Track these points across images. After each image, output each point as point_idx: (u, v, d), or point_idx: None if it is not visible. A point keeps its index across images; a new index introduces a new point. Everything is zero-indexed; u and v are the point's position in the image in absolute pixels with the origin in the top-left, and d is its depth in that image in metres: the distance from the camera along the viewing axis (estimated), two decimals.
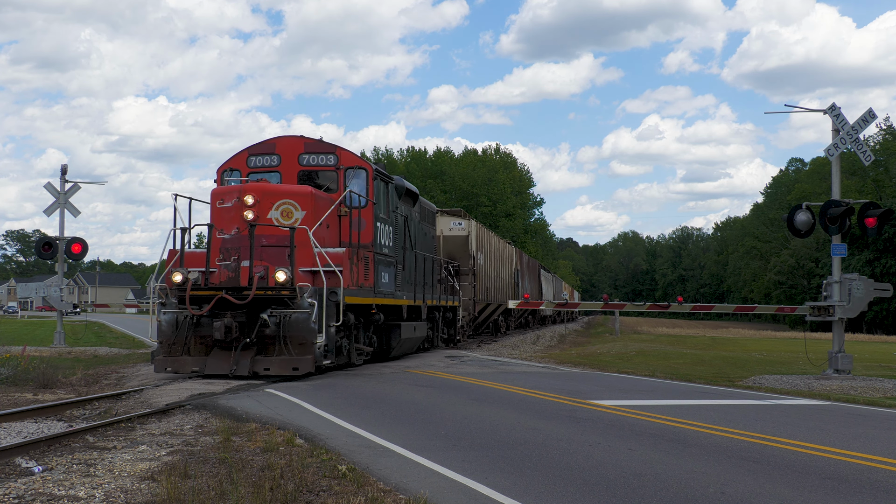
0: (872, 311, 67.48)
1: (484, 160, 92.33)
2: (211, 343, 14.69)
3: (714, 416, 11.16)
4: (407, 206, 20.72)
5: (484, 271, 33.03)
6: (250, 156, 17.54)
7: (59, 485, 6.86)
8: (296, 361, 14.26)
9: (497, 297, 36.71)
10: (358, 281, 16.08)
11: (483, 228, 33.46)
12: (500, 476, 7.20)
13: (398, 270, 19.19)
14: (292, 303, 14.39)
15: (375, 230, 17.41)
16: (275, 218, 15.30)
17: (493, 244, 36.35)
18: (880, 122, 77.39)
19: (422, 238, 22.73)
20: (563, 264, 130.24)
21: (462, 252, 29.87)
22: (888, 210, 18.46)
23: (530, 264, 51.40)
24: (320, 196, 16.09)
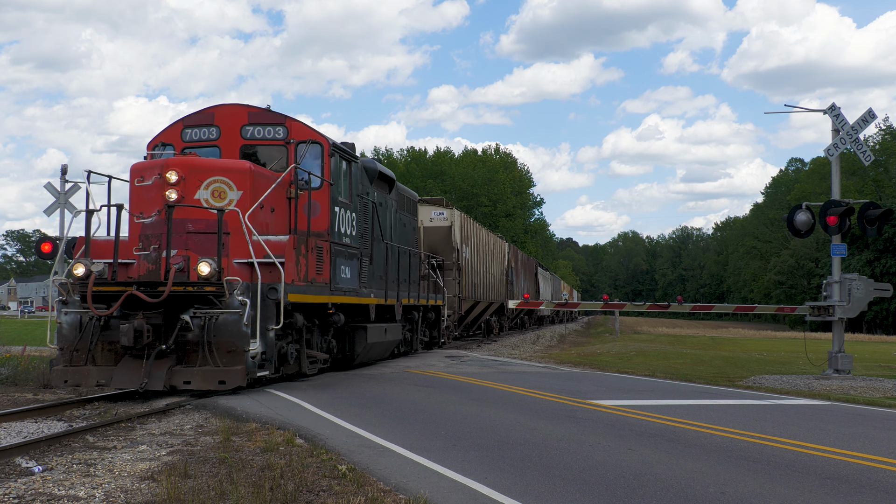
0: (872, 311, 67.50)
1: (484, 160, 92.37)
2: (121, 350, 12.10)
3: (714, 416, 11.16)
4: (380, 193, 18.47)
5: (471, 266, 30.76)
6: (185, 128, 15.01)
7: (59, 485, 6.86)
8: (222, 373, 11.66)
9: (488, 296, 34.62)
10: (308, 275, 13.58)
11: (468, 219, 31.28)
12: (500, 476, 7.20)
13: (363, 264, 16.67)
14: (220, 301, 11.94)
15: (333, 216, 14.90)
16: (204, 199, 12.77)
17: (482, 238, 33.92)
18: (880, 123, 77.47)
19: (400, 229, 20.50)
20: (563, 264, 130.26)
21: (445, 245, 27.54)
22: (888, 210, 18.47)
23: (526, 262, 49.31)
24: (261, 173, 13.60)
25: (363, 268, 16.69)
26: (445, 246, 27.49)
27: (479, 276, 32.59)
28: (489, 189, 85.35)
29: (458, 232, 28.24)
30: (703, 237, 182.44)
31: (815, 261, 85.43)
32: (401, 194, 20.80)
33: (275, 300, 12.41)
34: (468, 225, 30.69)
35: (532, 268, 51.39)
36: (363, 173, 17.03)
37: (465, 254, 29.24)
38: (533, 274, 51.13)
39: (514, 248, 44.27)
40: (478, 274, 32.12)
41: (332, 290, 14.68)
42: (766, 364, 22.81)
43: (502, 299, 38.40)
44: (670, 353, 27.31)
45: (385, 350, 19.10)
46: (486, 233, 35.46)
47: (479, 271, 32.26)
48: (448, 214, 27.85)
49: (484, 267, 33.73)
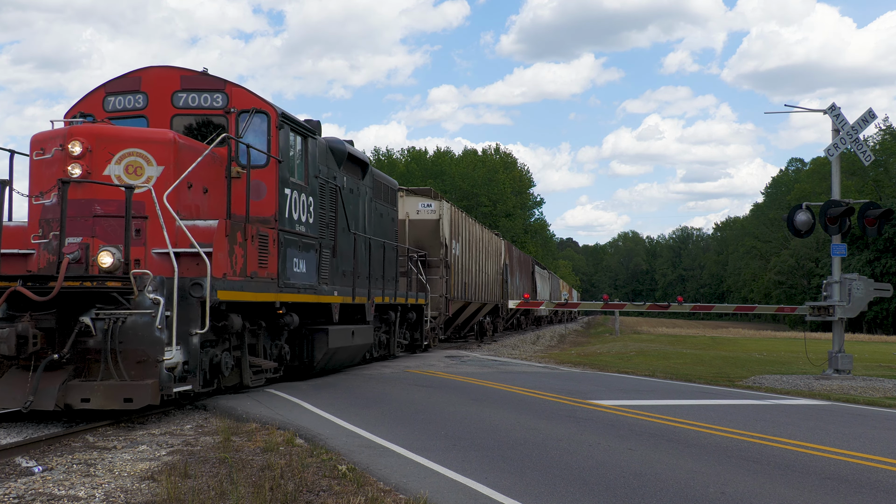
0: (872, 311, 67.49)
1: (484, 160, 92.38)
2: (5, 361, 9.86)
3: (714, 416, 11.16)
4: (351, 178, 16.59)
5: (461, 264, 28.31)
6: (107, 95, 12.98)
7: (59, 485, 6.86)
8: (129, 389, 9.40)
9: (480, 296, 32.38)
10: (247, 268, 11.55)
11: (459, 213, 28.75)
12: (500, 476, 7.20)
13: (324, 257, 14.70)
14: (128, 300, 9.75)
15: (282, 199, 12.83)
16: (116, 175, 10.70)
17: (475, 233, 31.44)
18: (880, 123, 77.41)
19: (375, 220, 18.50)
20: (563, 264, 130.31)
21: (432, 239, 25.29)
22: (888, 210, 18.47)
23: (522, 260, 47.24)
24: (190, 146, 11.45)
25: (323, 261, 14.70)
26: (433, 241, 25.32)
27: (471, 274, 30.45)
28: (489, 189, 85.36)
29: (448, 226, 26.04)
30: (703, 237, 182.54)
31: (815, 261, 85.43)
32: (377, 181, 18.80)
33: (199, 298, 10.21)
34: (459, 219, 28.33)
35: (529, 266, 49.59)
36: (328, 154, 15.26)
37: (454, 250, 26.94)
38: (530, 273, 49.49)
39: (509, 246, 42.29)
40: (469, 272, 29.93)
41: (280, 287, 12.67)
42: (766, 364, 22.81)
43: (497, 300, 36.75)
44: (670, 353, 27.32)
45: (353, 355, 16.99)
46: (479, 228, 33.11)
47: (470, 269, 30.17)
48: (436, 206, 25.55)
49: (476, 265, 31.66)
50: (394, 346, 20.60)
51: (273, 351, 13.47)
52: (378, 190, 18.87)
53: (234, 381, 12.19)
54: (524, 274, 46.76)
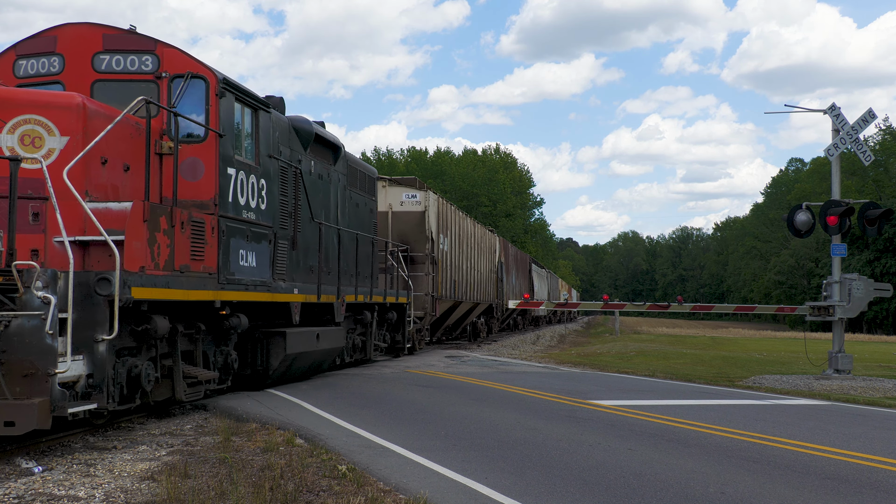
0: (872, 311, 67.50)
1: (484, 160, 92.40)
2: None
3: (714, 416, 11.16)
4: (319, 162, 14.93)
5: (450, 260, 26.26)
6: (19, 58, 11.14)
7: (59, 485, 6.86)
8: (10, 410, 7.52)
9: (472, 295, 30.41)
10: (176, 261, 9.66)
11: (448, 205, 26.79)
12: (500, 476, 7.20)
13: (280, 249, 12.89)
14: (12, 299, 7.93)
15: (223, 180, 10.88)
16: (7, 146, 9.12)
17: (465, 228, 29.42)
18: (880, 123, 77.42)
19: (350, 210, 16.78)
20: (563, 264, 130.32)
21: (416, 233, 23.44)
22: (888, 210, 18.47)
23: (519, 258, 45.48)
24: (101, 113, 9.60)
25: (279, 254, 12.84)
26: (418, 235, 23.44)
27: (462, 271, 28.39)
28: (489, 189, 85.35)
29: (434, 219, 24.08)
30: (703, 237, 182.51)
31: (815, 261, 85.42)
32: (352, 167, 17.05)
33: (106, 297, 8.43)
34: (448, 212, 26.34)
35: (526, 264, 47.92)
36: (290, 134, 13.69)
37: (442, 245, 24.95)
38: (527, 271, 47.94)
39: (504, 243, 40.37)
40: (459, 269, 27.94)
41: (222, 283, 10.74)
42: (766, 364, 22.81)
43: (491, 299, 35.00)
44: (670, 353, 27.32)
45: (319, 361, 15.22)
46: (471, 223, 31.03)
47: (460, 266, 28.19)
48: (421, 198, 23.60)
49: (468, 262, 29.68)
50: (370, 350, 18.46)
51: (217, 358, 11.55)
52: (354, 177, 17.16)
53: (165, 395, 10.21)
54: (521, 273, 45.44)
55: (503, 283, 37.73)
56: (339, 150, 16.08)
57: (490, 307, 35.61)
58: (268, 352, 12.96)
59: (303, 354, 13.89)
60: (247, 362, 12.82)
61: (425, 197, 23.69)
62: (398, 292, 20.28)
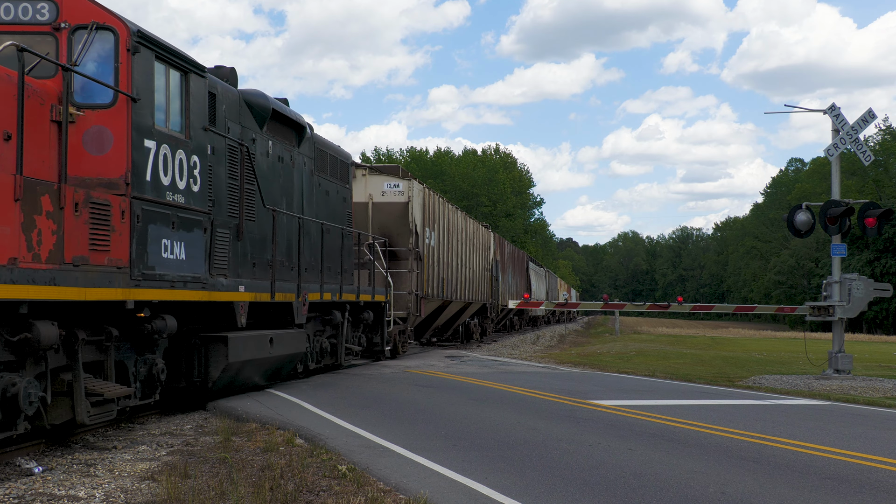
0: (872, 311, 67.48)
1: (484, 160, 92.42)
2: None
3: (714, 416, 11.17)
4: (279, 143, 13.33)
5: (438, 256, 24.28)
6: None
7: (59, 485, 6.86)
8: None
9: (463, 293, 28.26)
10: (65, 251, 7.77)
11: (435, 196, 24.55)
12: (500, 476, 7.20)
13: (219, 239, 11.00)
14: None
15: (138, 155, 8.95)
16: None
17: (456, 223, 27.32)
18: (880, 123, 77.44)
19: (319, 198, 15.18)
20: (563, 264, 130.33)
21: (399, 226, 21.62)
22: (888, 210, 18.48)
23: (515, 256, 43.68)
24: None
25: (219, 245, 10.97)
26: (401, 228, 21.63)
27: (451, 269, 26.33)
28: (489, 189, 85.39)
29: (419, 211, 22.22)
30: (703, 237, 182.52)
31: (815, 261, 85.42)
32: (321, 151, 15.36)
33: None
34: (435, 204, 24.21)
35: (523, 263, 46.21)
36: (241, 108, 11.98)
37: (428, 240, 23.04)
38: (524, 270, 46.18)
39: (500, 240, 38.35)
40: (448, 266, 25.85)
41: (136, 279, 8.86)
42: (766, 364, 22.81)
43: (485, 299, 33.10)
44: (670, 353, 27.32)
45: (274, 369, 13.07)
46: (462, 217, 28.77)
47: (450, 263, 26.08)
48: (404, 187, 21.65)
49: (458, 259, 27.53)
50: (341, 354, 16.33)
51: (140, 369, 9.50)
52: (323, 162, 15.53)
53: (65, 418, 8.19)
54: (518, 271, 43.74)
55: (498, 282, 36.02)
56: (305, 130, 14.44)
57: (484, 307, 33.67)
58: (206, 360, 10.94)
59: (251, 363, 11.75)
60: (181, 373, 10.86)
61: (409, 186, 21.63)
62: (375, 290, 18.38)
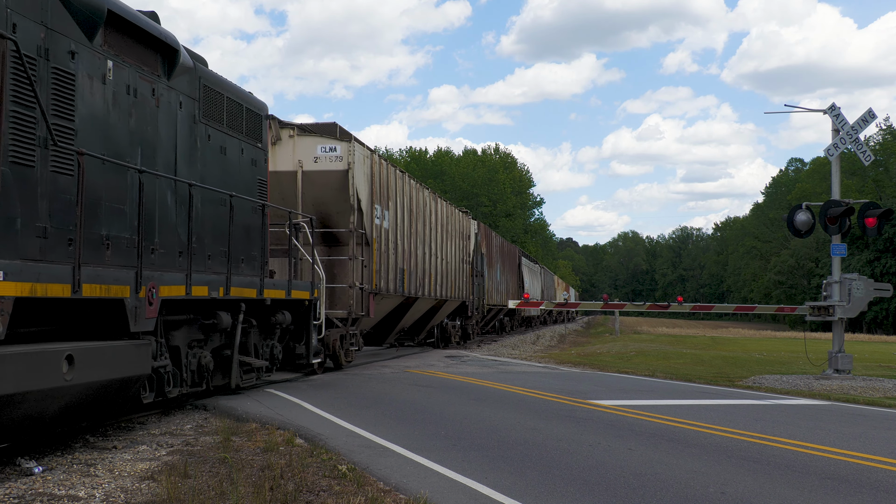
0: (872, 311, 67.51)
1: (484, 160, 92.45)
2: None
3: (714, 416, 11.16)
4: (130, 68, 9.28)
5: (394, 241, 19.53)
6: None
7: (59, 485, 6.86)
8: None
9: (434, 289, 23.51)
10: None
11: (390, 168, 19.64)
12: (500, 476, 7.19)
13: None
14: None
15: None
16: None
17: (421, 201, 22.32)
18: (880, 122, 77.46)
19: (207, 155, 11.18)
20: (563, 264, 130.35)
21: (337, 201, 17.03)
22: (888, 210, 18.47)
23: (504, 249, 39.33)
24: None
25: None
26: (339, 204, 17.06)
27: (416, 258, 21.53)
28: (489, 189, 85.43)
29: (364, 181, 17.41)
30: (703, 237, 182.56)
31: (815, 261, 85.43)
32: (211, 91, 11.36)
33: None
34: (388, 175, 19.31)
35: (514, 258, 42.35)
36: (48, 1, 7.91)
37: (379, 220, 18.37)
38: (515, 266, 42.47)
39: (485, 230, 33.79)
40: (411, 256, 21.10)
41: None
42: (766, 364, 22.81)
43: (464, 296, 28.41)
44: (670, 352, 27.32)
45: (75, 404, 7.86)
46: (430, 196, 23.32)
47: (413, 252, 21.32)
48: (343, 151, 16.84)
49: (426, 247, 22.69)
50: (235, 374, 11.89)
51: None
52: (216, 107, 11.51)
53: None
54: (508, 267, 39.90)
55: (483, 278, 32.03)
56: (178, 55, 10.27)
57: (463, 306, 29.20)
58: None
59: (15, 399, 6.80)
60: None
61: (348, 150, 16.83)
62: (293, 284, 13.41)
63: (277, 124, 16.49)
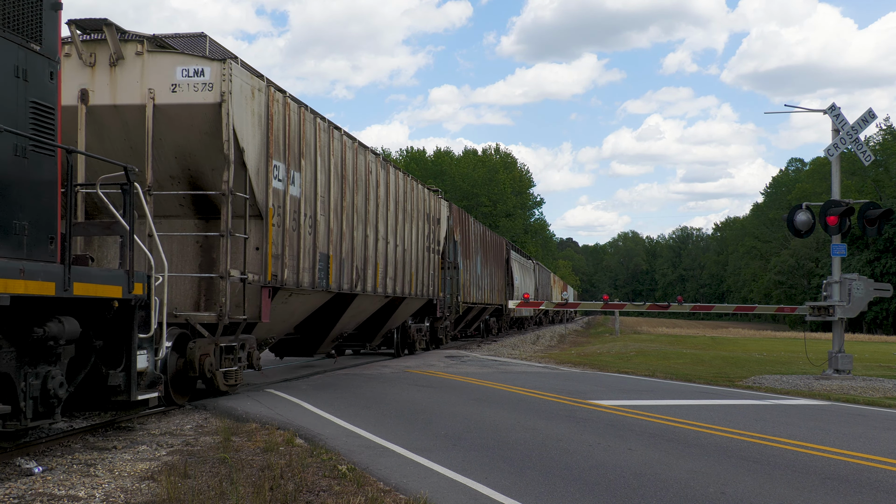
0: (872, 311, 67.50)
1: (484, 160, 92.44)
2: None
3: (714, 416, 11.16)
4: None
5: (307, 214, 13.76)
6: None
7: (59, 485, 6.86)
8: None
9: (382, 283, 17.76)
10: None
11: (302, 111, 13.74)
12: (500, 476, 7.19)
13: None
14: None
15: None
16: None
17: (359, 166, 16.16)
18: (880, 123, 77.50)
19: None
20: (563, 264, 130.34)
21: (212, 152, 11.75)
22: (888, 210, 18.46)
23: (489, 240, 33.89)
24: None
25: None
26: (214, 156, 11.72)
27: (350, 242, 15.65)
28: (489, 189, 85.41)
29: (252, 124, 12.05)
30: (703, 237, 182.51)
31: (815, 261, 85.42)
32: None
33: None
34: (299, 122, 13.56)
35: (500, 250, 36.69)
36: None
37: (282, 183, 12.88)
38: (502, 259, 36.97)
39: (461, 214, 28.27)
40: (343, 238, 15.28)
41: None
42: (766, 364, 22.80)
43: (431, 293, 22.56)
44: (670, 353, 27.31)
45: None
46: (375, 161, 17.28)
47: (347, 233, 15.49)
48: (213, 75, 11.52)
49: (369, 228, 16.78)
50: None
51: None
52: None
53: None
54: (493, 260, 34.49)
55: (458, 271, 26.67)
56: None
57: (429, 305, 23.40)
58: None
59: None
60: None
61: (222, 75, 11.47)
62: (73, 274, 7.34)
63: (115, 33, 11.42)
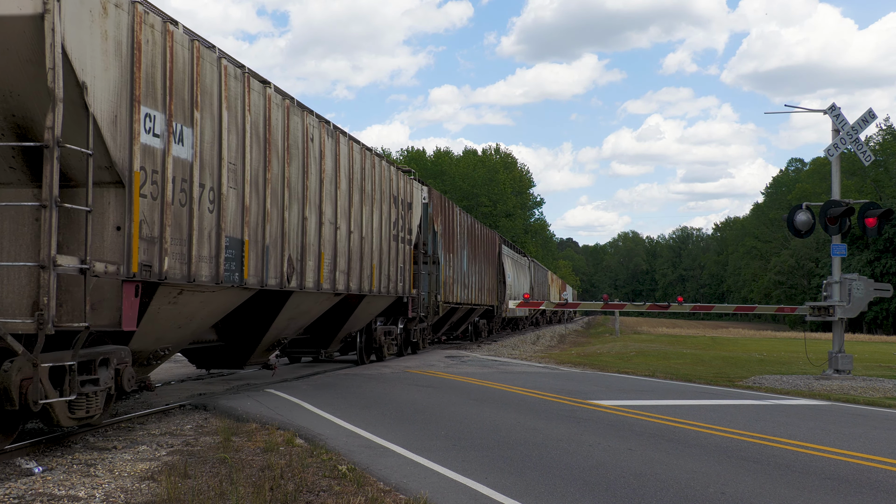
0: (872, 311, 67.52)
1: (484, 160, 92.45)
2: None
3: (714, 417, 11.16)
4: None
5: (205, 185, 9.89)
6: None
7: (59, 485, 6.86)
8: None
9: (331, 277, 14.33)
10: None
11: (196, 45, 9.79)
12: (500, 476, 7.19)
13: None
14: None
15: None
16: None
17: (295, 131, 12.87)
18: (880, 123, 77.51)
19: None
20: (563, 264, 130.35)
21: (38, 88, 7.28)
22: (888, 210, 18.46)
23: (478, 233, 30.98)
24: None
25: None
26: (42, 92, 7.30)
27: (280, 224, 12.31)
28: (489, 189, 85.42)
29: (103, 50, 7.93)
30: (703, 237, 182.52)
31: (815, 261, 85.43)
32: None
33: None
34: (188, 60, 9.61)
35: (491, 244, 33.86)
36: None
37: (160, 140, 8.88)
38: (494, 255, 34.38)
39: (442, 199, 25.17)
40: (269, 219, 11.81)
41: None
42: (766, 364, 22.80)
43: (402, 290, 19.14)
44: (670, 353, 27.31)
45: None
46: (318, 127, 13.83)
47: (275, 213, 12.16)
48: None
49: (310, 208, 13.38)
50: None
51: None
52: None
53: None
54: (483, 256, 31.72)
55: (438, 266, 24.01)
56: None
57: (400, 304, 19.96)
58: None
59: None
60: None
61: None
62: None
63: None
